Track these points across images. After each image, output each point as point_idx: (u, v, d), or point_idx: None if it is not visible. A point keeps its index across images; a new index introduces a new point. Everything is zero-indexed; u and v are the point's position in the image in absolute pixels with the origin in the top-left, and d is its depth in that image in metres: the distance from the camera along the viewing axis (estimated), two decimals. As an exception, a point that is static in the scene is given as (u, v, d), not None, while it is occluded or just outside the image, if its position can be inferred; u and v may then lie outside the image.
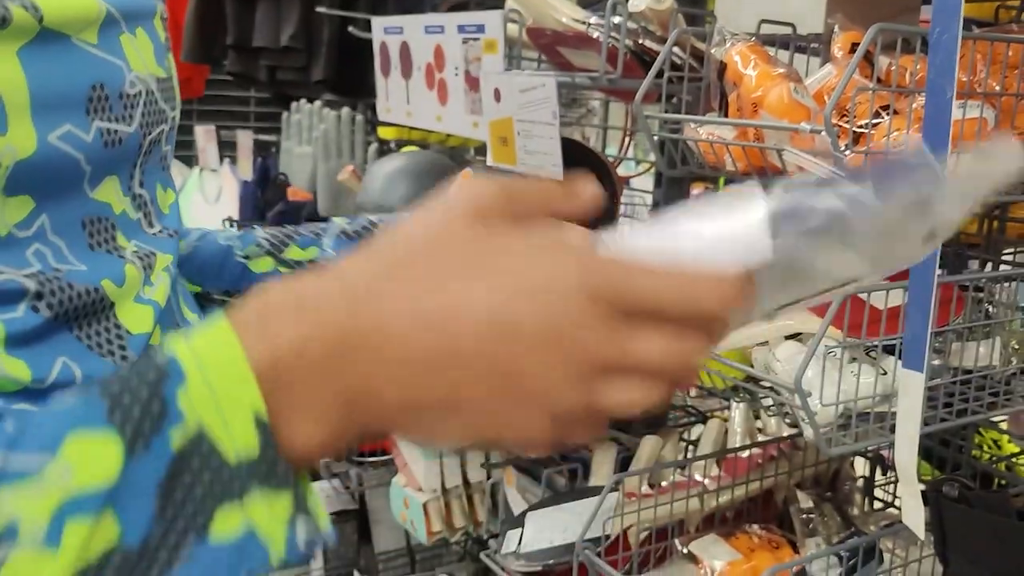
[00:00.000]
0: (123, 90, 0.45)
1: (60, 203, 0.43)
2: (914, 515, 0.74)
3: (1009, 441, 1.46)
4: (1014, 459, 1.38)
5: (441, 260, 0.37)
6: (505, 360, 0.36)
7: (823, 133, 0.81)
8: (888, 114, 0.89)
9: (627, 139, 1.84)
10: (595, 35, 1.12)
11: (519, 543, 1.24)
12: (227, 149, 2.73)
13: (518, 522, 1.27)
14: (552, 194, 0.40)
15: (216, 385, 0.34)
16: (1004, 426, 1.42)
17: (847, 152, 0.83)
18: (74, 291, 0.42)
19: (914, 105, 0.86)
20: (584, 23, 1.16)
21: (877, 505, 1.41)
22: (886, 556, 1.11)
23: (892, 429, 0.91)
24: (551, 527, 1.23)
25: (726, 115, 0.99)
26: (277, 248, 0.67)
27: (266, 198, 2.31)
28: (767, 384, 1.06)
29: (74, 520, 0.32)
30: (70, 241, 0.44)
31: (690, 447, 1.42)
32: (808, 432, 0.90)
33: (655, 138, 1.06)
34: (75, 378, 0.42)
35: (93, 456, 0.33)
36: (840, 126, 0.88)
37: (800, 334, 1.02)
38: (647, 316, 0.37)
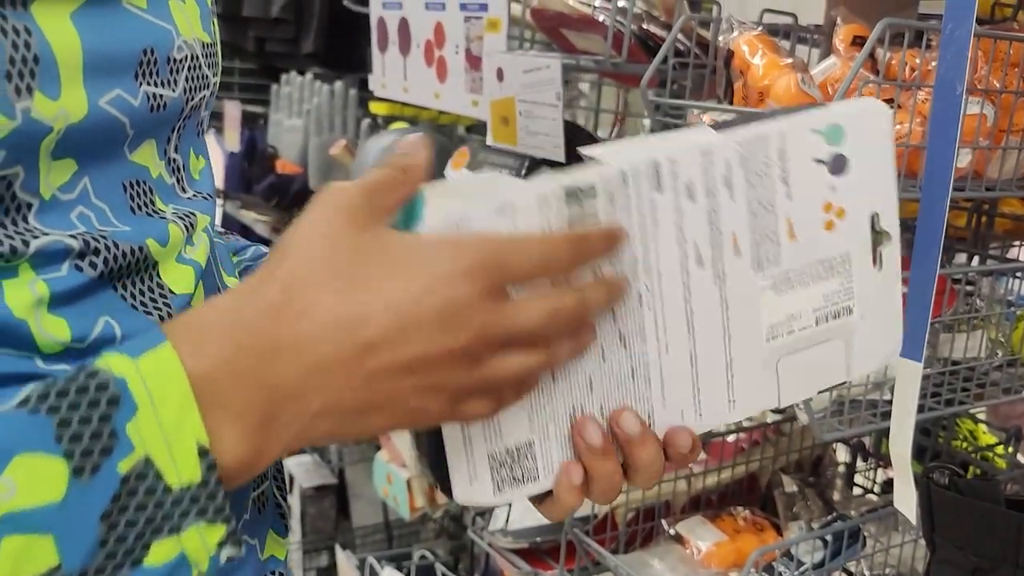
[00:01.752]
0: (171, 55, 0.45)
1: (102, 166, 0.43)
2: (906, 500, 0.76)
3: (985, 432, 1.49)
4: (991, 450, 1.41)
5: (337, 267, 0.40)
6: (412, 350, 0.39)
7: (829, 124, 0.82)
8: (892, 108, 0.90)
9: (618, 123, 1.85)
10: (601, 18, 1.12)
11: (507, 520, 1.26)
12: (211, 120, 2.70)
13: (506, 499, 1.28)
14: (402, 174, 0.43)
15: (164, 416, 0.36)
16: (981, 417, 1.45)
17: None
18: (119, 250, 0.42)
19: (917, 99, 0.88)
20: (589, 6, 1.16)
21: (857, 491, 1.44)
22: (868, 541, 1.13)
23: (883, 416, 0.93)
24: (540, 505, 1.24)
25: (731, 103, 1.00)
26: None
27: (253, 171, 2.29)
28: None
29: (10, 538, 0.33)
30: (113, 204, 0.43)
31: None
32: (803, 417, 0.91)
33: (657, 123, 1.07)
34: (116, 337, 0.42)
35: (38, 477, 0.34)
36: (844, 118, 0.89)
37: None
38: (523, 283, 0.42)
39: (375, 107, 1.98)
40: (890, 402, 0.77)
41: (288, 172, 2.22)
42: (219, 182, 2.44)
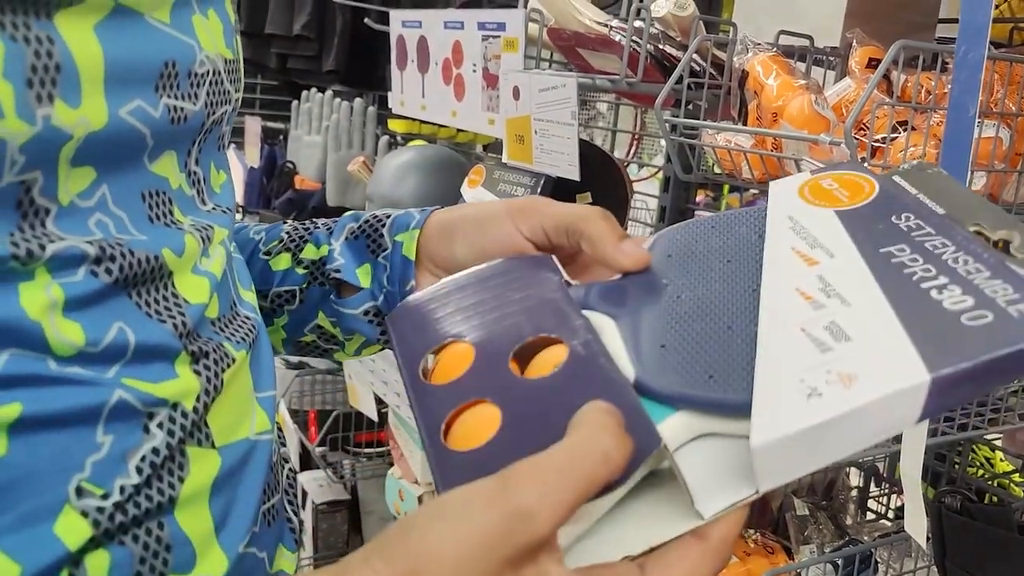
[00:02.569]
0: (192, 69, 0.45)
1: (121, 175, 0.43)
2: (916, 523, 0.75)
3: (1002, 459, 1.48)
4: (1007, 477, 1.40)
5: None
6: None
7: (842, 145, 0.82)
8: (905, 130, 0.90)
9: (635, 143, 1.86)
10: (617, 38, 1.13)
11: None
12: (232, 135, 2.72)
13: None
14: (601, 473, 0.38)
15: None
16: (998, 443, 1.43)
17: (864, 165, 0.84)
18: (135, 257, 0.42)
19: (931, 122, 0.88)
20: (606, 26, 1.17)
21: (870, 516, 1.43)
22: (880, 566, 1.12)
23: (893, 439, 0.92)
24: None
25: (745, 123, 1.00)
26: (296, 245, 0.65)
27: (272, 186, 2.31)
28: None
29: None
30: (131, 213, 0.44)
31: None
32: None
33: (672, 143, 1.08)
34: (129, 343, 0.42)
35: None
36: (858, 139, 0.89)
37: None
38: None
39: (393, 124, 2.00)
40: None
41: (306, 188, 2.24)
42: (239, 197, 2.47)
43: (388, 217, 0.63)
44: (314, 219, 0.67)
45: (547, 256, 0.53)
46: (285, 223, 0.68)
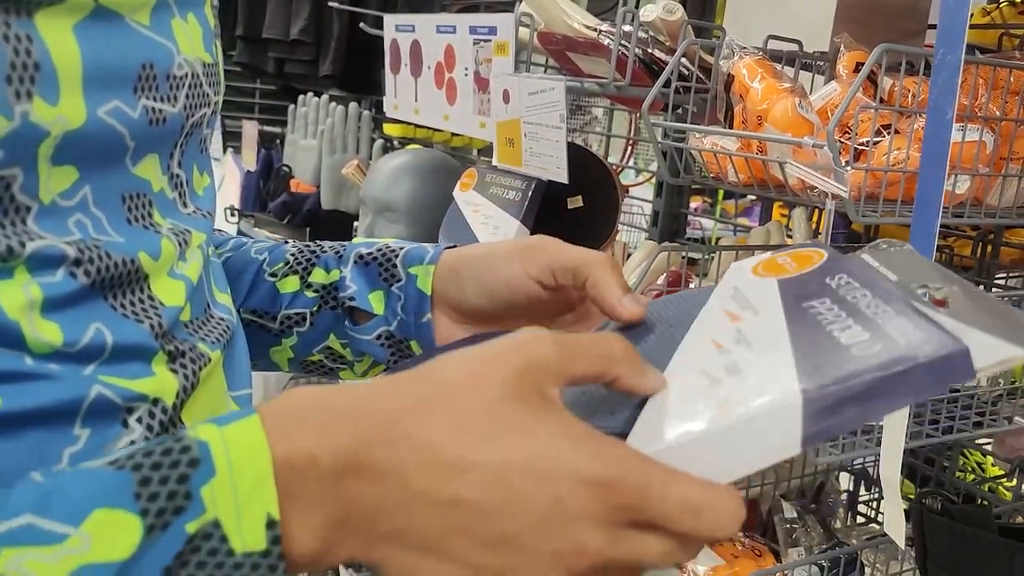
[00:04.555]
0: (171, 71, 0.46)
1: (103, 176, 0.44)
2: (896, 525, 0.75)
3: (993, 464, 1.48)
4: (996, 481, 1.40)
5: (467, 411, 0.38)
6: (499, 528, 0.36)
7: (825, 148, 0.83)
8: (889, 133, 0.91)
9: (629, 148, 1.86)
10: (606, 42, 1.13)
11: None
12: (230, 139, 2.74)
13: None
14: (610, 363, 0.40)
15: (239, 483, 0.36)
16: (989, 448, 1.44)
17: (848, 168, 0.85)
18: (111, 260, 0.43)
19: (915, 126, 0.88)
20: (595, 30, 1.17)
21: (860, 520, 1.43)
22: (867, 569, 1.12)
23: (879, 442, 0.93)
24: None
25: (731, 127, 1.01)
26: (304, 268, 0.66)
27: (268, 189, 2.32)
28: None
29: None
30: (110, 214, 0.44)
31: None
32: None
33: (659, 146, 1.08)
34: (107, 343, 0.43)
35: (113, 532, 0.34)
36: (842, 142, 0.89)
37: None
38: (649, 522, 0.37)
39: (389, 129, 2.01)
40: (882, 426, 0.77)
41: (301, 191, 2.25)
42: (235, 200, 2.47)
43: (401, 248, 0.64)
44: (318, 241, 0.68)
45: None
46: (287, 243, 0.69)
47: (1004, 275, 1.32)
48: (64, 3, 0.40)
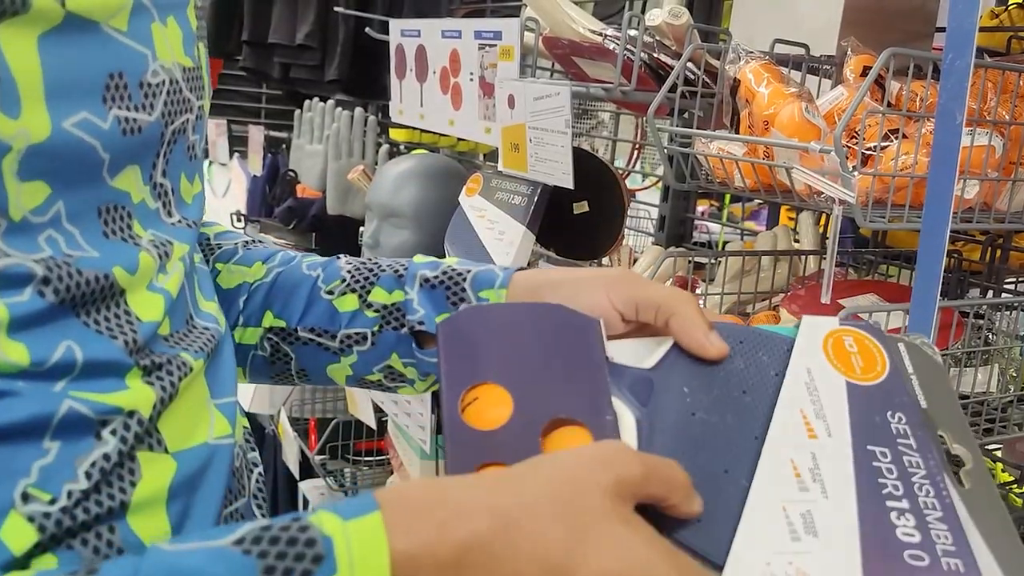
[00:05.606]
0: (144, 79, 0.45)
1: (77, 190, 0.43)
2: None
3: (1003, 470, 1.47)
4: (1007, 488, 1.39)
5: (573, 515, 0.41)
6: None
7: (832, 153, 0.82)
8: (897, 138, 0.90)
9: (636, 152, 1.85)
10: (611, 47, 1.13)
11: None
12: (236, 144, 2.74)
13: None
14: (673, 490, 0.45)
15: None
16: (999, 454, 1.42)
17: (855, 173, 0.84)
18: (83, 277, 0.42)
19: (923, 130, 0.87)
20: (601, 35, 1.17)
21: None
22: None
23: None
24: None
25: (737, 132, 1.00)
26: (362, 286, 0.66)
27: (274, 194, 2.31)
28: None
29: None
30: (84, 228, 0.43)
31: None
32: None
33: (665, 151, 1.07)
34: (77, 360, 0.42)
35: None
36: (849, 147, 0.89)
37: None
38: None
39: (395, 134, 2.00)
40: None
41: (307, 196, 2.25)
42: (241, 205, 2.47)
43: (468, 271, 0.65)
44: (373, 259, 0.68)
45: (595, 320, 0.56)
46: (339, 258, 0.69)
47: (1014, 280, 1.31)
48: (27, 14, 0.39)
